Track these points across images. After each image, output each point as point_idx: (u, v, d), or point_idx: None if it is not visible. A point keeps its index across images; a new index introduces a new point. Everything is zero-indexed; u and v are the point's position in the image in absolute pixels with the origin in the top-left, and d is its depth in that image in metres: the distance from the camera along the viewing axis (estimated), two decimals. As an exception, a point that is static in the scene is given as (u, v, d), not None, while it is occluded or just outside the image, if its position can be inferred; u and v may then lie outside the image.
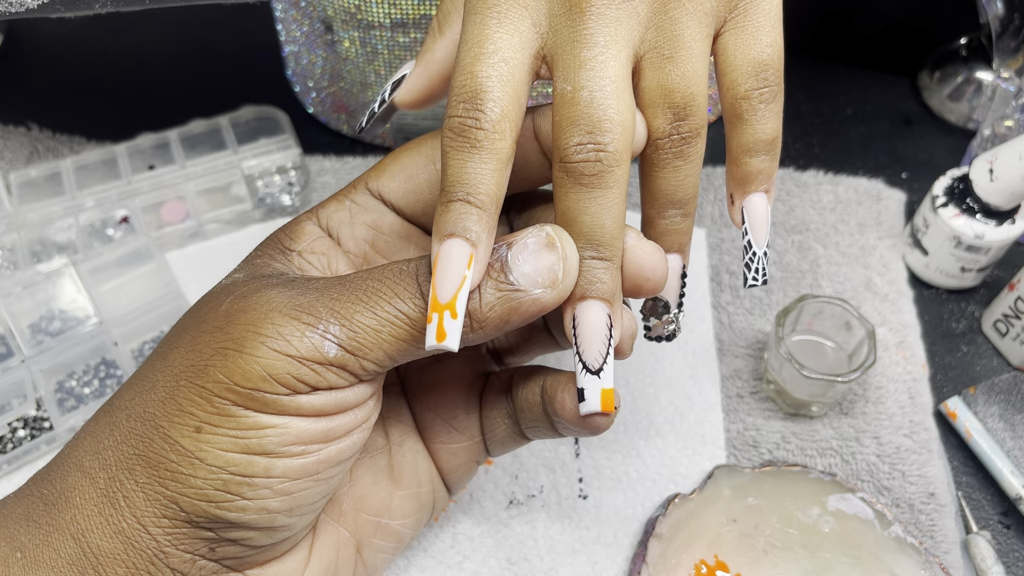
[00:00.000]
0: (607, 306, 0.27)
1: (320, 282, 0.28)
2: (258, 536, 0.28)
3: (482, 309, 0.26)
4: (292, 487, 0.27)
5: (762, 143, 0.30)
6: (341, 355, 0.26)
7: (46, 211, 0.52)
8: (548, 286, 0.26)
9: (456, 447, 0.34)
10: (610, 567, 0.41)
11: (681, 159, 0.29)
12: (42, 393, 0.44)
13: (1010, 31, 0.53)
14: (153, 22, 0.67)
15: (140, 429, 0.27)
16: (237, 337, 0.26)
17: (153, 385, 0.28)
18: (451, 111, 0.27)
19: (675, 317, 0.34)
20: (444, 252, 0.26)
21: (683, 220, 0.30)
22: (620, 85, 0.27)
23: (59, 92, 0.62)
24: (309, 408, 0.27)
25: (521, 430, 0.33)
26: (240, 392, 0.26)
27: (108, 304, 0.47)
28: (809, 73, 0.64)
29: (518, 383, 0.33)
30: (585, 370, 0.27)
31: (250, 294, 0.28)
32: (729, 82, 0.29)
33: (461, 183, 0.26)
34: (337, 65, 0.54)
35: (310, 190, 0.55)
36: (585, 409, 0.28)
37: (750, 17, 0.29)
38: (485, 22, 0.27)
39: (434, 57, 0.33)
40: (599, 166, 0.26)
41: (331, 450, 0.28)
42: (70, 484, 0.28)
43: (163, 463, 0.27)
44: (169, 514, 0.27)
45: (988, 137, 0.54)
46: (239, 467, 0.26)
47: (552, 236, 0.27)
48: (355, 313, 0.26)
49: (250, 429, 0.26)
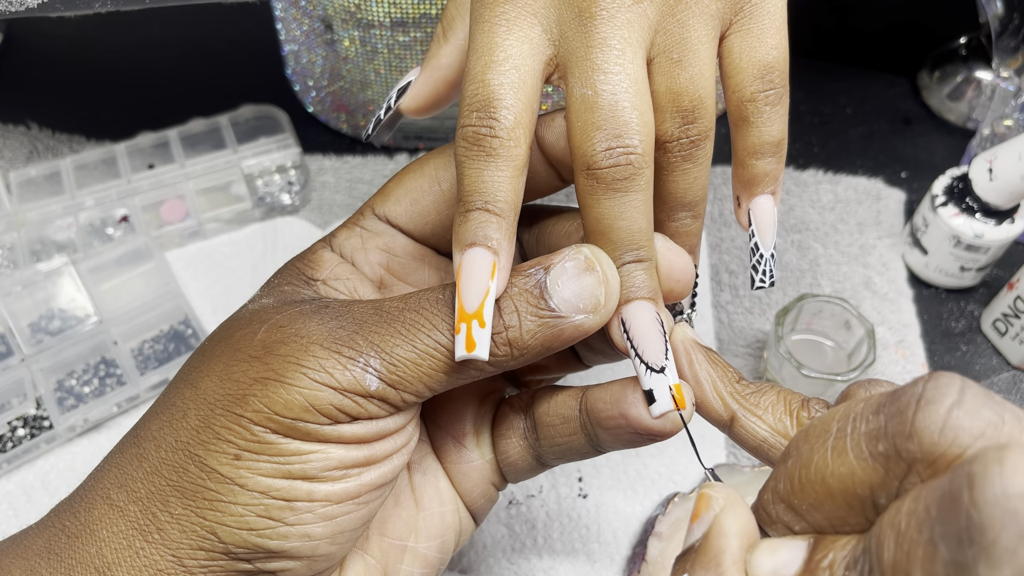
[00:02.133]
0: (654, 304, 0.27)
1: (355, 311, 0.28)
2: (298, 567, 0.27)
3: (523, 337, 0.26)
4: (335, 511, 0.27)
5: (768, 145, 0.30)
6: (383, 388, 0.26)
7: (46, 210, 0.52)
8: (590, 311, 0.26)
9: (467, 467, 0.33)
10: (610, 566, 0.41)
11: (690, 162, 0.29)
12: (42, 392, 0.44)
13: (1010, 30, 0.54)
14: (153, 21, 0.67)
15: (173, 459, 0.27)
16: (277, 368, 0.26)
17: (184, 414, 0.27)
18: (464, 120, 0.27)
19: (688, 318, 0.34)
20: (467, 262, 0.26)
21: (693, 222, 0.30)
22: (640, 87, 0.27)
23: (59, 91, 0.62)
24: (350, 436, 0.26)
25: (538, 454, 0.32)
26: (281, 422, 0.26)
27: (108, 303, 0.47)
28: (809, 73, 0.64)
29: (542, 402, 0.31)
30: (649, 371, 0.27)
31: (287, 324, 0.27)
32: (735, 84, 0.29)
33: (479, 192, 0.26)
34: (337, 64, 0.54)
35: (310, 189, 0.55)
36: (658, 410, 0.27)
37: (755, 19, 0.29)
38: (494, 29, 0.27)
39: (439, 64, 0.33)
40: (630, 169, 0.26)
41: (373, 475, 0.27)
42: (95, 516, 0.27)
43: (200, 492, 0.26)
44: (206, 546, 0.26)
45: (987, 136, 0.54)
46: (281, 492, 0.26)
47: (592, 259, 0.26)
48: (395, 347, 0.26)
49: (292, 455, 0.26)
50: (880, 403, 0.21)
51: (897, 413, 0.20)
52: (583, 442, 0.30)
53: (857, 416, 0.21)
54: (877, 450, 0.20)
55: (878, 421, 0.21)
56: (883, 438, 0.20)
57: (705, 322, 0.50)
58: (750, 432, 0.27)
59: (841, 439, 0.21)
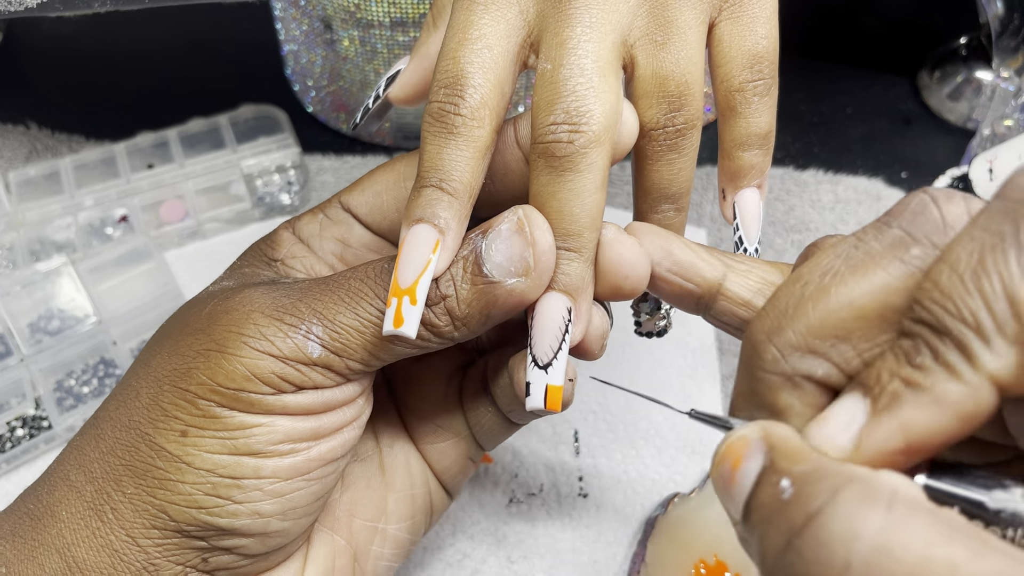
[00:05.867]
0: (568, 299, 0.26)
1: (304, 283, 0.28)
2: (252, 544, 0.27)
3: (459, 306, 0.26)
4: (284, 487, 0.27)
5: (755, 137, 0.30)
6: (325, 355, 0.26)
7: (45, 210, 0.51)
8: (521, 275, 0.25)
9: (443, 445, 0.33)
10: (610, 566, 0.41)
11: (675, 152, 0.28)
12: (41, 392, 0.44)
13: (1010, 31, 0.53)
14: (152, 21, 0.67)
15: (126, 438, 0.27)
16: (219, 338, 0.26)
17: (137, 393, 0.27)
18: (432, 96, 0.26)
19: (666, 313, 0.33)
20: (410, 237, 0.25)
21: (676, 215, 0.30)
22: (602, 66, 0.26)
23: (58, 91, 0.62)
24: (296, 407, 0.26)
25: (504, 416, 0.32)
26: (224, 393, 0.26)
27: (107, 303, 0.47)
28: (809, 72, 0.64)
29: (493, 369, 0.31)
30: (534, 363, 0.26)
31: (232, 295, 0.27)
32: (723, 74, 0.29)
33: (435, 169, 0.25)
34: (336, 64, 0.54)
35: (309, 189, 0.55)
36: (529, 404, 0.26)
37: (745, 8, 0.29)
38: (472, 8, 0.27)
39: (428, 52, 0.33)
40: (571, 147, 0.25)
41: (322, 448, 0.27)
42: (56, 498, 0.27)
43: (150, 471, 0.26)
44: (159, 524, 0.26)
45: (988, 137, 0.54)
46: (227, 469, 0.26)
47: (522, 220, 0.25)
48: (337, 314, 0.26)
49: (236, 429, 0.26)
50: (880, 223, 0.21)
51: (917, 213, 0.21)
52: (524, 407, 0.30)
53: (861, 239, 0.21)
54: (910, 254, 0.20)
55: (894, 232, 0.21)
56: (914, 242, 0.20)
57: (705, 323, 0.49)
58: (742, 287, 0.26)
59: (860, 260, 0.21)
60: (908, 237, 0.20)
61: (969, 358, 0.18)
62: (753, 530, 0.19)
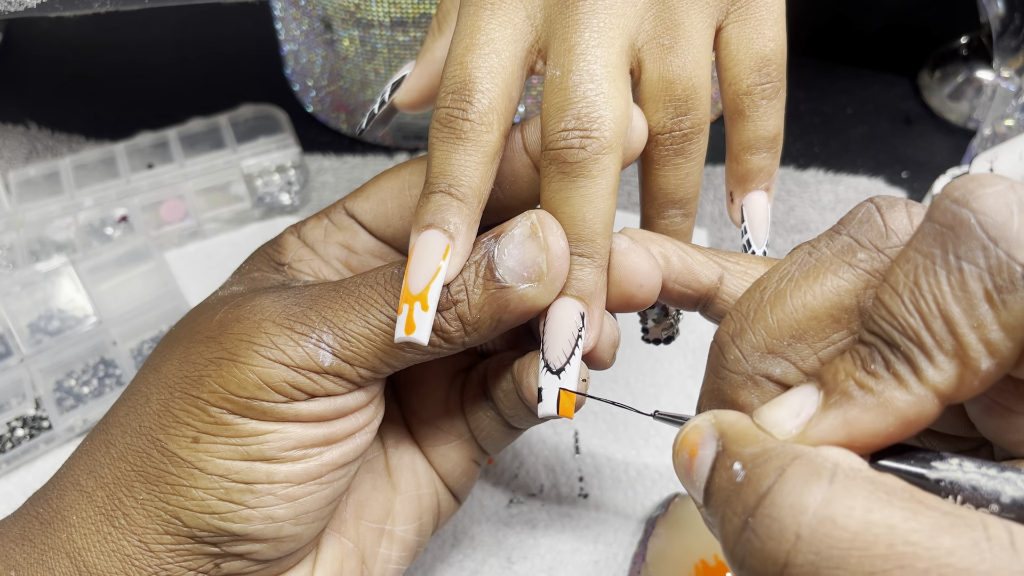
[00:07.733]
0: (581, 305, 0.26)
1: (315, 289, 0.27)
2: (264, 549, 0.27)
3: (471, 311, 0.26)
4: (297, 492, 0.27)
5: (763, 140, 0.29)
6: (336, 364, 0.26)
7: (45, 210, 0.51)
8: (534, 280, 0.25)
9: (445, 448, 0.33)
10: (610, 566, 0.41)
11: (682, 156, 0.28)
12: (41, 392, 0.44)
13: (1010, 31, 0.53)
14: (152, 21, 0.67)
15: (137, 444, 0.27)
16: (230, 347, 0.26)
17: (147, 399, 0.27)
18: (439, 102, 0.26)
19: (674, 320, 0.33)
20: (420, 243, 0.25)
21: (684, 220, 0.30)
22: (611, 71, 0.26)
23: (58, 91, 0.62)
24: (308, 415, 0.26)
25: (505, 421, 0.32)
26: (236, 401, 0.26)
27: (107, 303, 0.47)
28: (809, 72, 0.64)
29: (493, 374, 0.31)
30: (546, 368, 0.26)
31: (244, 303, 0.27)
32: (731, 77, 0.29)
33: (444, 174, 0.25)
34: (336, 64, 0.54)
35: (309, 189, 0.55)
36: (542, 411, 0.26)
37: (753, 10, 0.29)
38: (479, 14, 0.27)
39: (434, 57, 0.33)
40: (583, 153, 0.25)
41: (334, 453, 0.27)
42: (66, 503, 0.27)
43: (163, 477, 0.26)
44: (171, 530, 0.26)
45: (988, 136, 0.54)
46: (240, 474, 0.26)
47: (536, 224, 0.25)
48: (348, 322, 0.26)
49: (249, 436, 0.26)
50: (831, 231, 0.23)
51: (863, 222, 0.22)
52: (528, 412, 0.30)
53: (815, 246, 0.23)
54: (857, 258, 0.22)
55: (843, 239, 0.22)
56: (860, 247, 0.22)
57: (705, 323, 0.49)
58: (738, 288, 0.27)
59: (812, 266, 0.22)
60: (855, 243, 0.22)
61: (916, 371, 0.19)
62: (715, 513, 0.20)
